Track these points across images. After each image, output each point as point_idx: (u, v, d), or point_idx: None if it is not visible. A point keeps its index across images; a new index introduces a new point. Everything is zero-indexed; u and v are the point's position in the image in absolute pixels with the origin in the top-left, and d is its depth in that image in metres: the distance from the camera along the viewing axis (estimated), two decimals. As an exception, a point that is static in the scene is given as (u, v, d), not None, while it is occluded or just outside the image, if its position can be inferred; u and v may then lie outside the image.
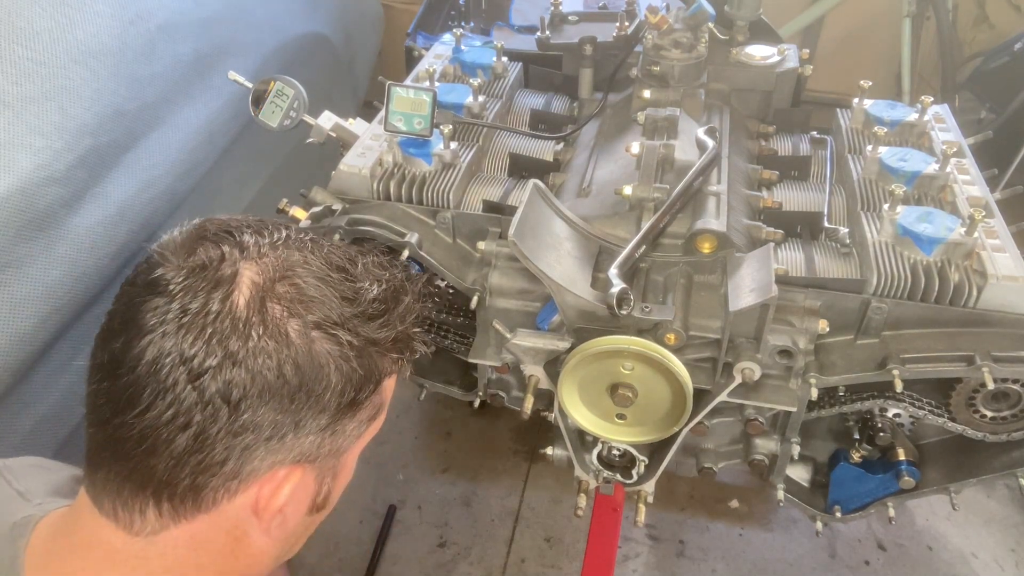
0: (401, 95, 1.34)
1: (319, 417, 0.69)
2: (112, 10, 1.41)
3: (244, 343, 0.64)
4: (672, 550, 1.92)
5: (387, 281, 0.75)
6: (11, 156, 1.18)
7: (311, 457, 0.71)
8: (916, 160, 1.37)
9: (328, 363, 0.68)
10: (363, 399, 0.73)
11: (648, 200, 1.27)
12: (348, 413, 0.72)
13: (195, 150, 1.53)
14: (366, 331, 0.71)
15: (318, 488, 0.75)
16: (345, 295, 0.71)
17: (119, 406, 0.65)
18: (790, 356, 1.19)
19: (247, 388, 0.64)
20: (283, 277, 0.68)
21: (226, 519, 0.70)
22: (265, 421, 0.66)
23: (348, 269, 0.73)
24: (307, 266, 0.70)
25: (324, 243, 0.75)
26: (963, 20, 2.85)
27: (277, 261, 0.69)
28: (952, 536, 1.94)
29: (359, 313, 0.71)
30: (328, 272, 0.71)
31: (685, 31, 1.53)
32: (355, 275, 0.73)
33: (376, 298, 0.73)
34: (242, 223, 0.72)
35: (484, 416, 2.18)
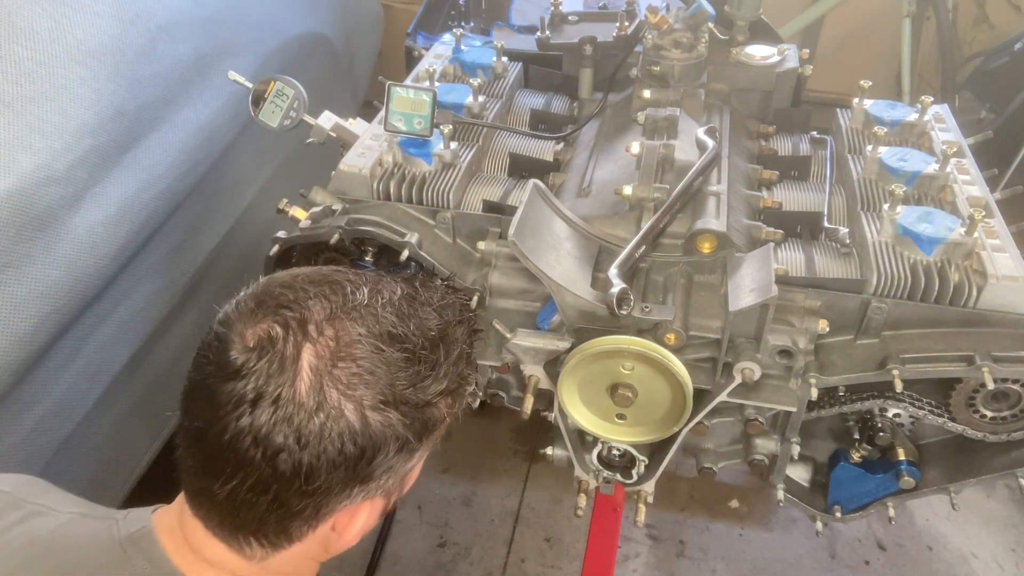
0: (401, 95, 1.34)
1: (382, 472, 0.77)
2: (112, 10, 1.41)
3: (307, 424, 0.71)
4: (672, 550, 1.92)
5: (439, 331, 0.80)
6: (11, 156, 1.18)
7: (380, 493, 0.80)
8: (916, 160, 1.37)
9: (384, 434, 0.75)
10: (421, 447, 0.80)
11: (648, 200, 1.27)
12: (409, 458, 0.80)
13: (195, 150, 1.53)
14: (419, 396, 0.77)
15: (386, 503, 0.84)
16: (398, 367, 0.76)
17: (206, 472, 0.74)
18: (790, 356, 1.19)
19: (314, 464, 0.72)
20: (340, 359, 0.73)
21: (316, 540, 0.80)
22: (334, 484, 0.75)
23: (400, 335, 0.77)
24: (362, 343, 0.75)
25: (378, 306, 0.78)
26: (963, 20, 2.85)
27: (335, 341, 0.74)
28: (952, 536, 1.94)
29: (411, 382, 0.76)
30: (380, 346, 0.75)
31: (685, 31, 1.53)
32: (406, 337, 0.77)
33: (427, 357, 0.78)
34: (305, 285, 0.77)
35: (484, 416, 2.18)
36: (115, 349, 1.42)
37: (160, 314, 1.51)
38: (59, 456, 1.35)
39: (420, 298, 0.81)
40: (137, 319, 1.45)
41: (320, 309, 0.75)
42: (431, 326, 0.80)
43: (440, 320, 0.81)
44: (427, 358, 0.78)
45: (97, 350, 1.38)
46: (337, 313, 0.75)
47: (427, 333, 0.79)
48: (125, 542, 0.81)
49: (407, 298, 0.80)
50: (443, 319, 0.82)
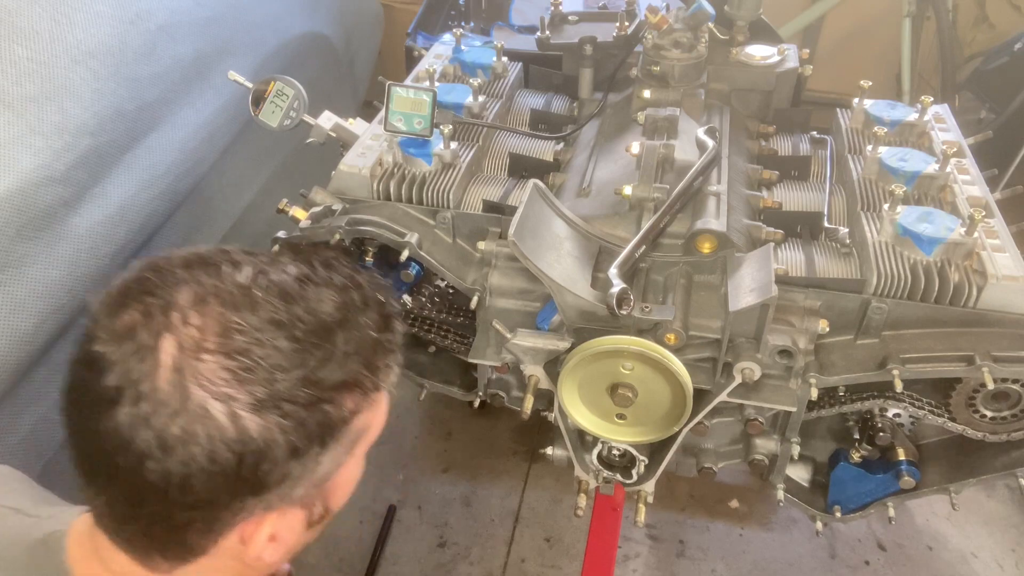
0: (401, 95, 1.34)
1: (277, 480, 0.67)
2: (112, 10, 1.41)
3: (170, 427, 0.62)
4: (672, 550, 1.92)
5: (338, 315, 0.70)
6: (11, 156, 1.18)
7: (285, 503, 0.70)
8: (916, 160, 1.37)
9: (269, 437, 0.65)
10: (325, 449, 0.70)
11: (648, 200, 1.27)
12: (312, 463, 0.69)
13: (195, 150, 1.53)
14: (309, 392, 0.67)
15: (308, 513, 0.74)
16: (282, 357, 0.66)
17: (86, 481, 0.67)
18: (790, 356, 1.19)
19: (186, 474, 0.63)
20: (206, 351, 0.64)
21: (225, 554, 0.72)
22: (218, 495, 0.66)
23: (285, 322, 0.66)
24: (234, 333, 0.65)
25: (259, 289, 0.68)
26: (963, 20, 2.85)
27: (201, 329, 0.64)
28: (952, 536, 1.94)
29: (299, 376, 0.66)
30: (259, 336, 0.65)
31: (685, 31, 1.53)
32: (293, 323, 0.67)
33: (321, 345, 0.68)
34: (176, 268, 0.68)
35: (484, 416, 2.18)
36: (115, 349, 1.42)
37: (160, 314, 1.51)
38: (59, 455, 1.35)
39: (318, 279, 0.71)
40: (137, 319, 1.45)
41: (188, 293, 0.66)
42: (326, 310, 0.69)
43: (340, 302, 0.70)
44: (318, 347, 0.67)
45: (97, 350, 1.38)
46: (207, 298, 0.66)
47: (320, 318, 0.68)
48: (36, 544, 0.75)
49: (300, 279, 0.70)
50: (344, 301, 0.71)
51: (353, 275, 0.74)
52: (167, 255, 0.70)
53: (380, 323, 0.74)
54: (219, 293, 0.67)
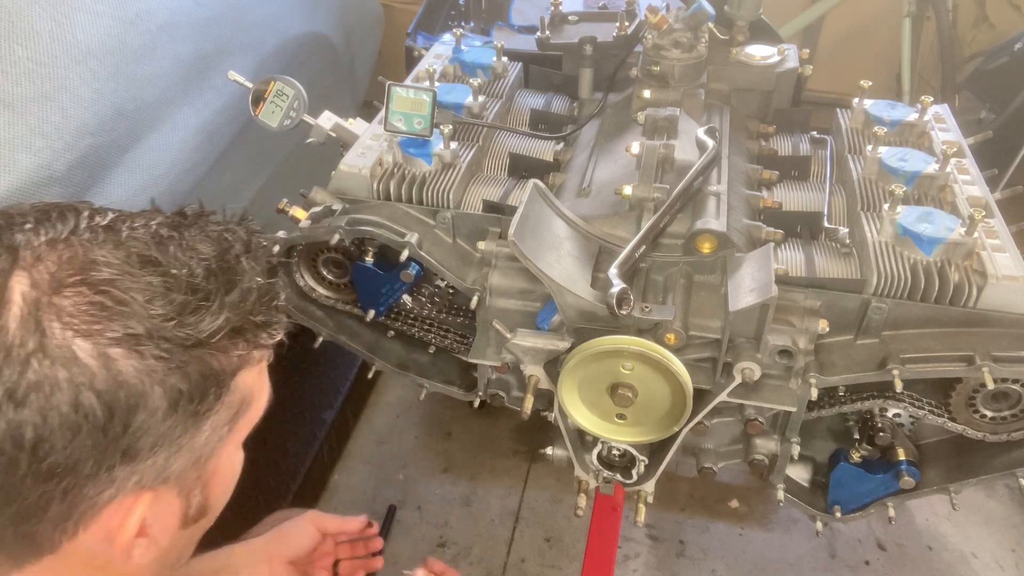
0: (401, 95, 1.34)
1: (153, 442, 0.59)
2: (112, 10, 1.41)
3: (22, 375, 0.53)
4: (672, 550, 1.92)
5: (216, 259, 0.63)
6: (11, 156, 1.18)
7: (160, 479, 0.62)
8: (916, 160, 1.37)
9: (143, 383, 0.57)
10: (207, 407, 0.63)
11: (648, 200, 1.27)
12: (193, 425, 0.62)
13: (195, 150, 1.52)
14: (188, 331, 0.59)
15: (185, 503, 0.66)
16: (154, 293, 0.58)
17: None
18: (790, 356, 1.19)
19: (40, 429, 0.54)
20: (65, 286, 0.56)
21: (78, 555, 0.61)
22: (79, 459, 0.56)
23: (157, 258, 0.60)
24: (100, 266, 0.58)
25: (124, 227, 0.62)
26: (963, 20, 2.85)
27: (59, 264, 0.57)
28: (952, 536, 1.94)
29: (175, 312, 0.59)
30: (128, 268, 0.58)
31: (685, 31, 1.53)
32: (167, 262, 0.60)
33: (198, 286, 0.61)
34: (22, 214, 0.61)
35: (484, 416, 2.18)
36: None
37: (160, 314, 1.51)
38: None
39: (190, 225, 0.65)
40: (137, 319, 1.45)
41: (42, 233, 0.58)
42: (204, 254, 0.63)
43: (217, 248, 0.64)
44: (197, 287, 0.60)
45: (97, 350, 1.37)
46: (65, 236, 0.59)
47: (197, 259, 0.62)
48: None
49: (170, 224, 0.64)
50: (222, 247, 0.64)
51: (230, 224, 0.68)
52: (17, 204, 0.63)
53: (263, 269, 0.67)
54: (77, 232, 0.60)
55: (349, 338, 1.51)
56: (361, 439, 2.17)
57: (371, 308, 1.44)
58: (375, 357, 1.52)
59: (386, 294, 1.42)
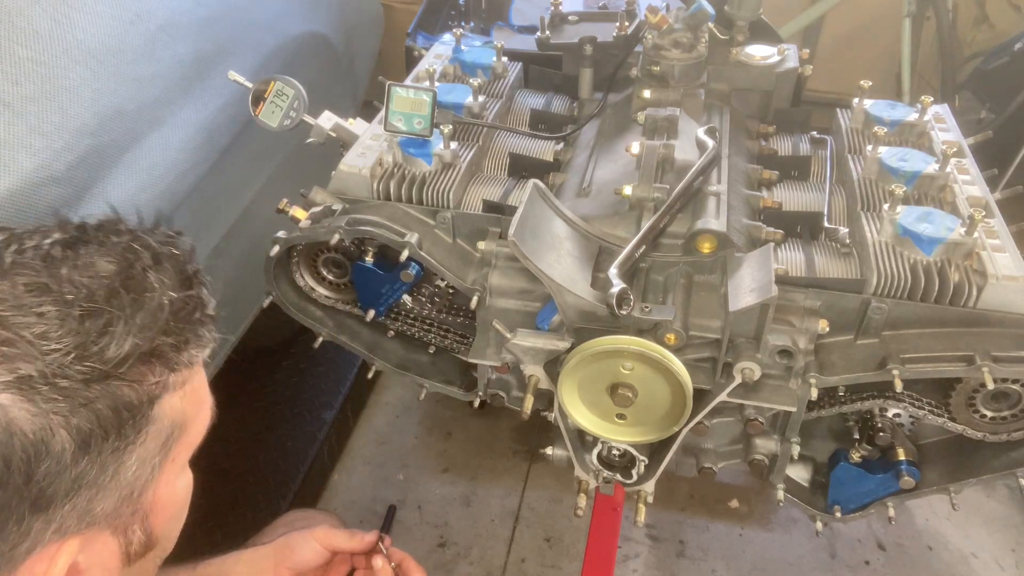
0: (401, 95, 1.34)
1: (66, 488, 0.53)
2: (112, 10, 1.41)
3: None
4: (672, 550, 1.92)
5: (118, 276, 0.58)
6: (11, 156, 1.18)
7: (85, 523, 0.56)
8: (916, 160, 1.37)
9: (42, 428, 0.51)
10: (127, 442, 0.57)
11: (648, 200, 1.27)
12: (114, 462, 0.56)
13: (195, 150, 1.52)
14: (90, 364, 0.54)
15: (124, 540, 0.61)
16: (47, 326, 0.52)
17: None
18: (790, 356, 1.19)
19: None
20: None
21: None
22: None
23: (47, 284, 0.54)
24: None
25: (9, 252, 0.56)
26: (963, 20, 2.85)
27: None
28: (952, 536, 1.94)
29: (73, 345, 0.53)
30: (16, 300, 0.53)
31: (685, 31, 1.53)
32: (60, 287, 0.55)
33: (97, 310, 0.55)
34: None
35: (484, 416, 2.18)
36: (115, 349, 1.42)
37: (160, 314, 1.51)
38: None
39: (89, 241, 0.59)
40: (137, 319, 1.45)
41: None
42: (104, 271, 0.57)
43: (121, 259, 0.58)
44: (96, 312, 0.54)
45: (97, 350, 1.37)
46: None
47: (96, 279, 0.56)
48: None
49: (64, 244, 0.58)
50: (125, 262, 0.58)
51: (136, 233, 0.62)
52: None
53: (178, 281, 0.61)
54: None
55: (349, 338, 1.51)
56: (361, 439, 2.17)
57: (371, 308, 1.44)
58: (375, 357, 1.52)
59: (386, 294, 1.42)
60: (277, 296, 1.44)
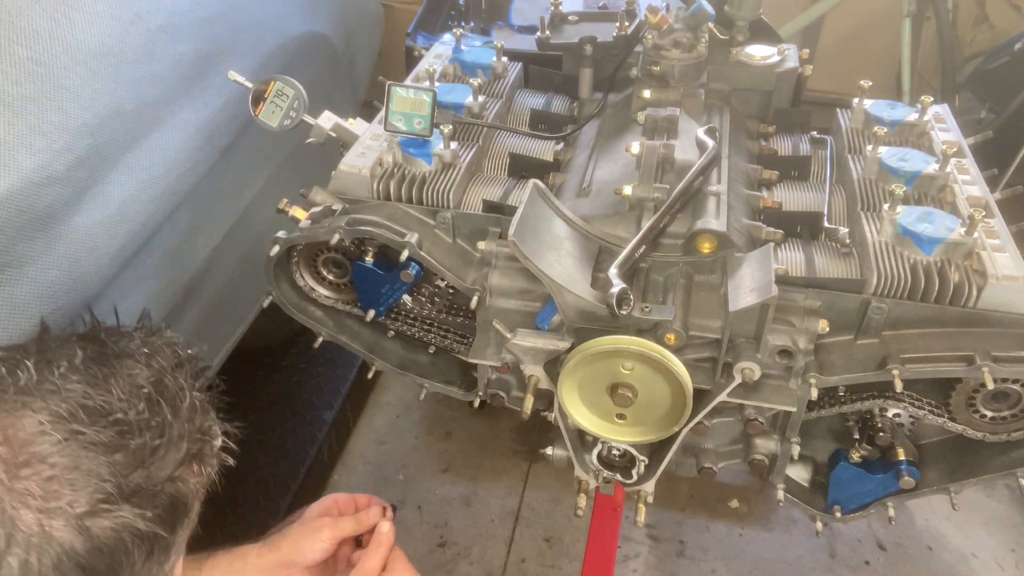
0: (401, 95, 1.34)
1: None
2: (112, 10, 1.41)
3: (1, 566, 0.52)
4: (672, 550, 1.92)
5: (154, 386, 0.62)
6: (11, 156, 1.18)
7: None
8: (916, 160, 1.37)
9: (121, 539, 0.56)
10: (176, 537, 0.62)
11: (648, 200, 1.27)
12: (164, 560, 0.61)
13: (195, 150, 1.52)
14: (155, 476, 0.58)
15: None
16: (111, 446, 0.56)
17: None
18: (790, 356, 1.19)
19: None
20: (21, 466, 0.53)
21: None
22: None
23: (102, 406, 0.57)
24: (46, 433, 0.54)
25: (53, 377, 0.58)
26: (963, 20, 2.85)
27: (5, 443, 0.54)
28: (952, 536, 1.94)
29: (138, 461, 0.57)
30: (76, 428, 0.55)
31: (685, 31, 1.53)
32: (112, 406, 0.58)
33: (149, 423, 0.59)
34: None
35: (484, 416, 2.18)
36: (115, 349, 1.42)
37: (160, 314, 1.51)
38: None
39: (112, 351, 0.63)
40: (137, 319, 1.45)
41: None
42: (140, 381, 0.61)
43: (151, 370, 0.63)
44: (149, 424, 0.59)
45: (97, 350, 1.37)
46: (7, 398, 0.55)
47: (138, 391, 0.60)
48: None
49: (95, 357, 0.62)
50: (154, 368, 0.63)
51: (146, 338, 0.65)
52: None
53: (194, 379, 0.66)
54: (8, 397, 0.57)
55: (349, 338, 1.51)
56: (361, 439, 2.17)
57: (371, 308, 1.44)
58: (375, 357, 1.52)
59: (386, 294, 1.42)
60: (277, 296, 1.44)
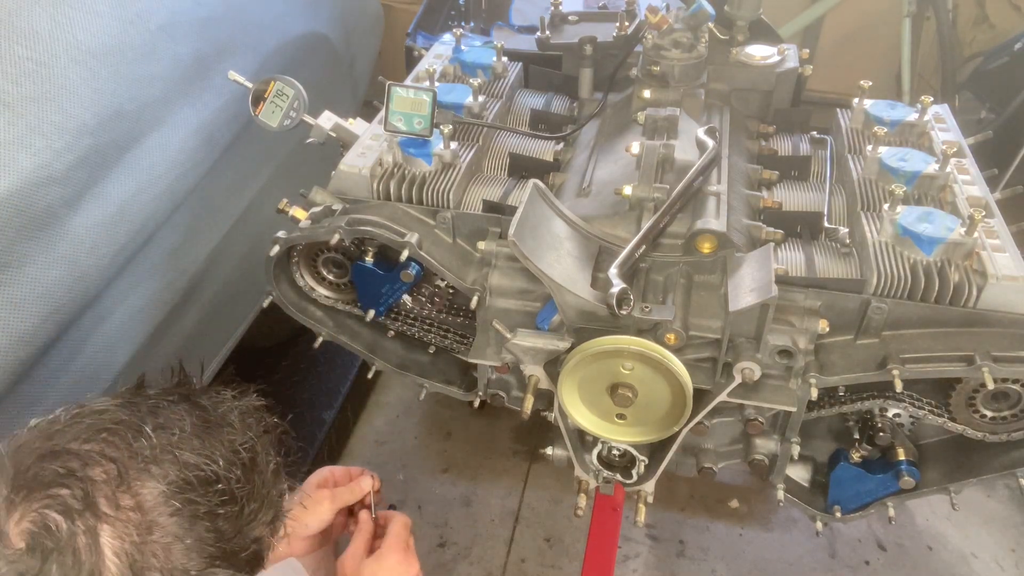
0: (401, 95, 1.34)
1: None
2: (112, 10, 1.41)
3: None
4: (672, 550, 1.92)
5: (247, 448, 0.68)
6: (11, 156, 1.18)
7: None
8: (916, 160, 1.37)
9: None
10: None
11: (648, 200, 1.27)
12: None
13: (195, 150, 1.52)
14: (247, 536, 0.65)
15: None
16: (218, 516, 0.63)
17: None
18: (790, 356, 1.19)
19: None
20: (150, 529, 0.59)
21: None
22: None
23: (213, 477, 0.63)
24: (169, 499, 0.60)
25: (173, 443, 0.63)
26: (963, 20, 2.85)
27: (136, 509, 0.59)
28: (952, 536, 1.94)
29: (238, 529, 0.64)
30: (192, 497, 0.61)
31: (685, 31, 1.53)
32: (218, 476, 0.64)
33: (245, 492, 0.65)
34: (74, 444, 0.61)
35: (484, 416, 2.18)
36: (115, 349, 1.42)
37: (160, 314, 1.51)
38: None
39: (214, 416, 0.68)
40: (137, 319, 1.45)
41: (104, 473, 0.59)
42: (238, 447, 0.67)
43: (245, 436, 0.68)
44: (244, 492, 0.65)
45: (97, 350, 1.38)
46: (127, 472, 0.60)
47: (238, 458, 0.66)
48: None
49: (201, 422, 0.67)
50: (247, 435, 0.69)
51: (235, 398, 0.71)
52: (48, 430, 0.62)
53: (274, 444, 0.72)
54: (137, 462, 0.61)
55: (349, 338, 1.51)
56: (361, 439, 2.17)
57: (371, 308, 1.44)
58: (375, 357, 1.52)
59: (386, 294, 1.42)
60: (277, 296, 1.44)
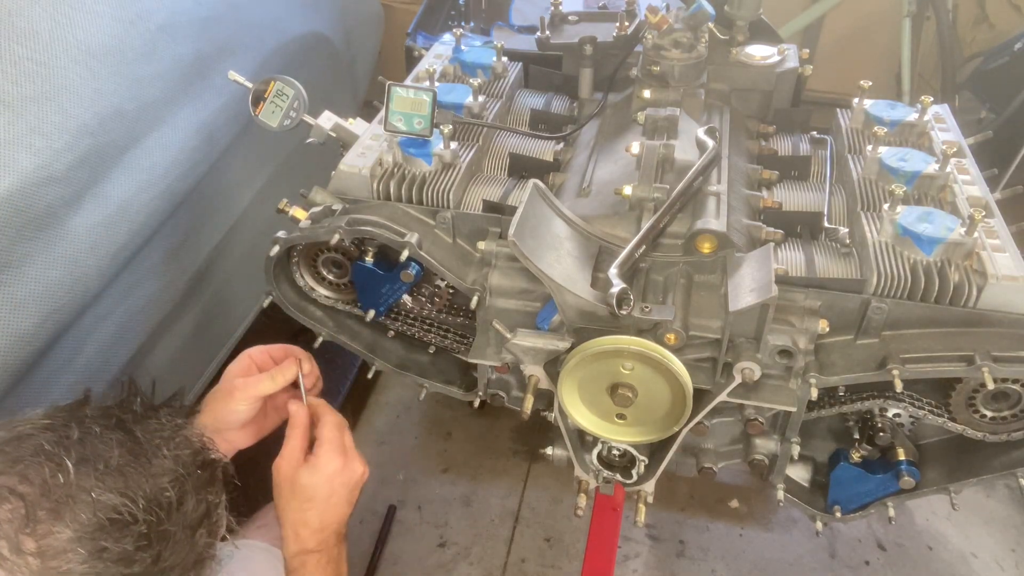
0: (401, 95, 1.34)
1: None
2: (112, 10, 1.41)
3: None
4: (672, 550, 1.92)
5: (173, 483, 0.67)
6: (11, 156, 1.18)
7: None
8: (916, 160, 1.37)
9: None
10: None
11: (648, 200, 1.27)
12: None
13: (195, 150, 1.53)
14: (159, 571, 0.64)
15: None
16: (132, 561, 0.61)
17: None
18: (790, 356, 1.19)
19: None
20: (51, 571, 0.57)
21: None
22: None
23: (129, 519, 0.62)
24: (78, 546, 0.59)
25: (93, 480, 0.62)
26: (963, 20, 2.85)
27: (39, 556, 0.57)
28: (952, 536, 1.94)
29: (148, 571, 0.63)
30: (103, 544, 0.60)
31: (685, 31, 1.53)
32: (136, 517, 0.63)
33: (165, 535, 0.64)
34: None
35: (484, 416, 2.18)
36: (115, 349, 1.42)
37: (160, 314, 1.51)
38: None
39: (147, 448, 0.66)
40: (137, 319, 1.45)
41: (10, 512, 0.57)
42: (166, 484, 0.65)
43: (174, 475, 0.66)
44: (164, 535, 0.63)
45: (97, 350, 1.38)
46: (34, 512, 0.57)
47: (163, 498, 0.64)
48: None
49: (130, 455, 0.65)
50: (179, 472, 0.67)
51: (175, 429, 0.70)
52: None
53: (210, 477, 0.71)
54: (51, 500, 0.59)
55: (349, 338, 1.51)
56: (361, 439, 2.17)
57: (371, 308, 1.44)
58: (375, 357, 1.52)
59: (386, 294, 1.42)
60: (277, 296, 1.44)
